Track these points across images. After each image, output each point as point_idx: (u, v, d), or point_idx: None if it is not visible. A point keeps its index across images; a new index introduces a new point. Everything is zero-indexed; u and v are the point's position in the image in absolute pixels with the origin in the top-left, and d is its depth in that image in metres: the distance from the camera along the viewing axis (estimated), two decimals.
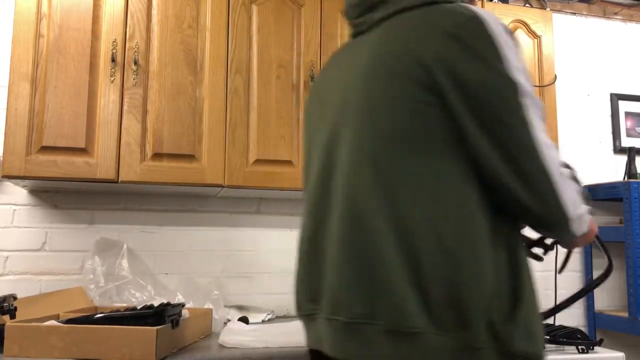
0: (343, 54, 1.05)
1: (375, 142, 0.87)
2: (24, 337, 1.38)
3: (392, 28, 0.92)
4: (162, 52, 1.88)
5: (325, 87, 1.04)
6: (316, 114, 1.04)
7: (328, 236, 0.92)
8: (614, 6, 2.93)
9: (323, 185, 0.95)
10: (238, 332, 1.68)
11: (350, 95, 0.93)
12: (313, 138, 1.03)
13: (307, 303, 0.98)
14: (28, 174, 1.72)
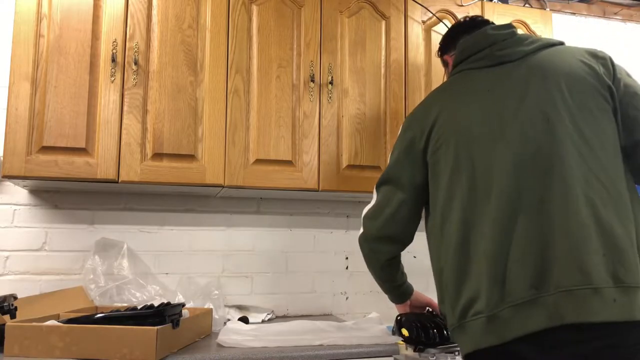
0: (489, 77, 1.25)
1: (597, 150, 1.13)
2: (24, 337, 1.38)
3: (552, 55, 1.24)
4: (162, 52, 1.88)
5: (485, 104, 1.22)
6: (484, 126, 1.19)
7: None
8: (613, 6, 2.94)
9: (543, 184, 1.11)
10: (238, 332, 1.68)
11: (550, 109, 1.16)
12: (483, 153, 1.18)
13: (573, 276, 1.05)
14: (28, 174, 1.73)
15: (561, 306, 1.03)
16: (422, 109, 1.32)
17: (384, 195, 1.34)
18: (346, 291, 2.37)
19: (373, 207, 1.36)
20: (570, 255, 1.05)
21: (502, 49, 1.26)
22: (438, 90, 1.35)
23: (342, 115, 2.05)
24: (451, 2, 2.25)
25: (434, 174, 1.25)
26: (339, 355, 1.58)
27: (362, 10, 2.14)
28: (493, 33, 1.29)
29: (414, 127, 1.30)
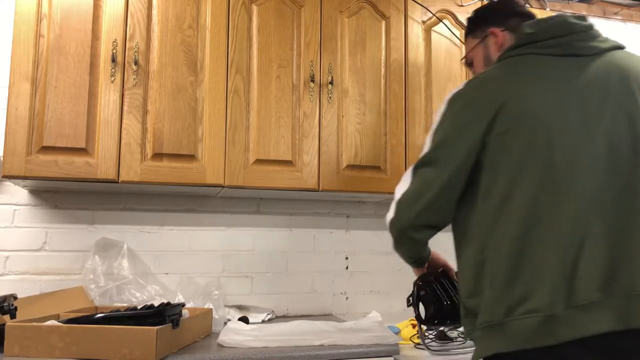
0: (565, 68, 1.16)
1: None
2: (24, 337, 1.38)
3: (627, 57, 1.22)
4: (162, 52, 1.88)
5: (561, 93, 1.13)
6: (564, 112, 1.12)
7: None
8: (613, 6, 2.94)
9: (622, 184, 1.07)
10: (238, 332, 1.68)
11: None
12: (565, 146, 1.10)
13: None
14: (28, 174, 1.73)
15: (629, 310, 1.00)
16: (486, 89, 1.19)
17: (424, 178, 1.20)
18: (346, 291, 2.37)
19: (411, 191, 1.22)
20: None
21: (581, 41, 1.19)
22: (501, 69, 1.21)
23: (342, 115, 2.05)
24: (451, 2, 2.25)
25: (494, 158, 1.13)
26: (339, 355, 1.58)
27: (362, 10, 2.14)
28: (573, 22, 1.21)
29: (475, 107, 1.17)
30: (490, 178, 1.14)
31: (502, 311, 1.06)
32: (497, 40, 1.39)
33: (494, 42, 1.40)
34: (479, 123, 1.14)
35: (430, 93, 2.17)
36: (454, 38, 2.23)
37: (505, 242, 1.08)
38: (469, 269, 1.16)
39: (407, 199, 1.23)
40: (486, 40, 1.41)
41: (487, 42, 1.41)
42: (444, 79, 2.19)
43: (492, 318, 1.08)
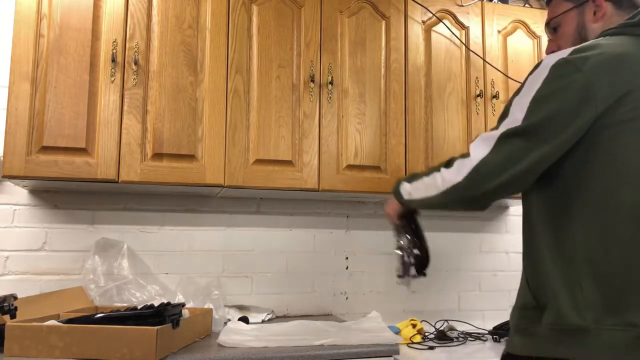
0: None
1: None
2: (24, 337, 1.38)
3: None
4: (162, 52, 1.88)
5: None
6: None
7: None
8: None
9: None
10: (238, 331, 1.68)
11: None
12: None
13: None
14: (28, 174, 1.73)
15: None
16: (614, 66, 1.03)
17: (514, 150, 1.04)
18: (346, 291, 2.37)
19: (496, 161, 1.05)
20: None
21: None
22: (630, 48, 1.07)
23: (342, 115, 2.05)
24: (451, 2, 2.25)
25: (611, 145, 1.01)
26: (339, 355, 1.58)
27: (362, 10, 2.14)
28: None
29: (598, 83, 1.01)
30: (594, 168, 1.02)
31: (591, 317, 0.96)
32: (599, 10, 1.19)
33: (593, 11, 1.20)
34: (604, 100, 1.00)
35: (430, 93, 2.17)
36: (454, 38, 2.23)
37: (608, 244, 0.98)
38: (553, 260, 1.04)
39: (488, 170, 1.06)
40: (584, 7, 1.22)
41: (584, 9, 1.21)
42: (444, 79, 2.19)
43: (574, 321, 0.97)
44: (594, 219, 1.00)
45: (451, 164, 1.13)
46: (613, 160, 1.01)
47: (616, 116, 1.01)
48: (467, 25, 2.26)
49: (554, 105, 1.02)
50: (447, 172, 1.13)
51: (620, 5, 1.18)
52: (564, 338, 0.98)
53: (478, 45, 2.25)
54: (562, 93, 1.02)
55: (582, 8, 1.22)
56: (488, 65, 2.23)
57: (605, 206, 1.00)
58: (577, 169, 1.04)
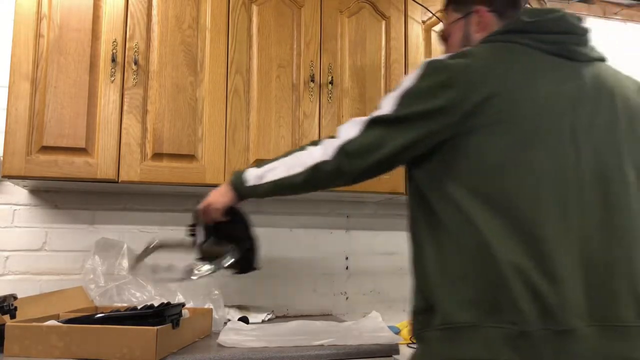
0: (561, 70, 1.09)
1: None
2: (24, 337, 1.38)
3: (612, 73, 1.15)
4: (162, 52, 1.88)
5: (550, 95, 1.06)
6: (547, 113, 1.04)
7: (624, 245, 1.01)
8: (613, 6, 2.94)
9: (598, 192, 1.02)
10: (238, 331, 1.68)
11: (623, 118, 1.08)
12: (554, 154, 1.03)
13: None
14: (28, 174, 1.73)
15: (606, 341, 0.96)
16: (475, 71, 1.05)
17: (382, 134, 1.09)
18: (346, 291, 2.37)
19: (363, 143, 1.10)
20: (628, 288, 0.99)
21: (577, 45, 1.11)
22: (494, 53, 1.10)
23: (342, 115, 2.05)
24: None
25: (476, 147, 1.04)
26: (339, 355, 1.58)
27: (362, 10, 2.14)
28: (572, 22, 1.12)
29: (462, 87, 1.03)
30: (461, 169, 1.04)
31: (475, 314, 0.97)
32: (482, 21, 1.24)
33: (477, 22, 1.25)
34: (463, 104, 1.03)
35: None
36: None
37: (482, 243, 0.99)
38: (437, 260, 1.04)
39: (354, 149, 1.10)
40: (469, 18, 1.26)
41: (470, 19, 1.26)
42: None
43: (459, 319, 0.98)
44: (465, 218, 1.02)
45: (318, 143, 1.18)
46: (479, 162, 1.02)
47: (481, 119, 1.03)
48: None
49: (421, 100, 1.06)
50: (315, 149, 1.17)
51: (502, 16, 1.22)
52: (452, 337, 0.98)
53: None
54: (430, 90, 1.06)
55: (468, 19, 1.27)
56: None
57: (474, 206, 1.01)
58: (446, 169, 1.06)
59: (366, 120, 1.11)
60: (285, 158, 1.24)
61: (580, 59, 1.11)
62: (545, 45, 1.09)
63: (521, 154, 1.01)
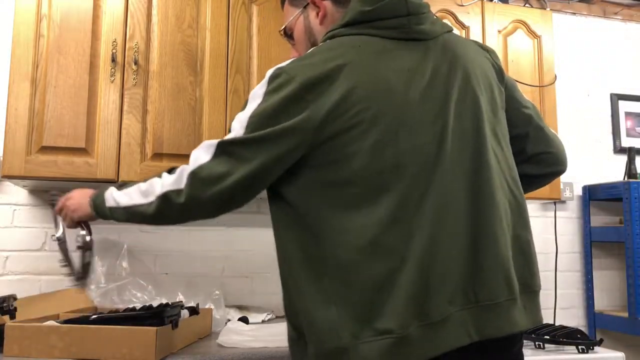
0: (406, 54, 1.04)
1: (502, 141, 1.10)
2: (24, 337, 1.38)
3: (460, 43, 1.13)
4: (162, 52, 1.88)
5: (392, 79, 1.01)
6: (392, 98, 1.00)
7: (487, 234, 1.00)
8: (613, 6, 2.93)
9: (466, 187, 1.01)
10: (237, 332, 1.68)
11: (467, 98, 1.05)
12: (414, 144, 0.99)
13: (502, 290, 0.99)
14: (28, 174, 1.73)
15: (480, 321, 0.95)
16: (323, 75, 0.99)
17: (234, 158, 1.01)
18: None
19: (215, 168, 1.01)
20: (496, 265, 0.99)
21: (419, 24, 1.07)
22: (338, 51, 1.03)
23: None
24: (451, 2, 2.25)
25: (335, 158, 0.98)
26: None
27: None
28: (411, 2, 1.07)
29: (309, 98, 0.97)
30: (327, 181, 0.99)
31: (347, 334, 0.92)
32: (320, 11, 1.17)
33: (315, 14, 1.19)
34: (312, 116, 0.97)
35: None
36: None
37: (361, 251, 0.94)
38: (307, 282, 0.98)
39: (206, 177, 1.01)
40: (307, 10, 1.21)
41: (308, 11, 1.21)
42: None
43: (333, 344, 0.93)
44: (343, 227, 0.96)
45: (174, 170, 1.07)
46: (343, 170, 0.97)
47: (339, 124, 0.97)
48: (467, 25, 2.26)
49: (270, 120, 0.99)
50: (168, 177, 1.06)
51: (339, 3, 1.16)
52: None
53: None
54: (277, 106, 0.98)
55: (306, 11, 1.21)
56: None
57: (340, 219, 0.96)
58: (311, 184, 1.00)
59: (216, 144, 1.02)
60: (141, 183, 1.12)
61: (426, 37, 1.07)
62: (388, 31, 1.05)
63: (390, 148, 0.97)
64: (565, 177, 2.59)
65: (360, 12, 1.06)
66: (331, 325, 0.93)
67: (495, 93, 1.12)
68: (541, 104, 2.29)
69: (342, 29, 1.07)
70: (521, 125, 1.19)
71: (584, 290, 2.65)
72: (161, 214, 1.07)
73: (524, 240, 1.07)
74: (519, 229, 1.07)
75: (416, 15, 1.06)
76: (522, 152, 1.20)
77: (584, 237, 2.66)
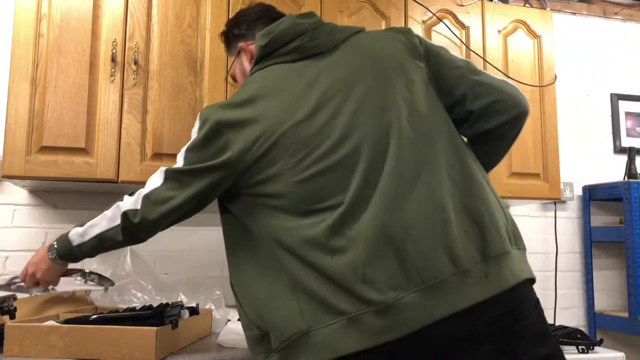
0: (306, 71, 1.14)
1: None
2: (24, 337, 1.38)
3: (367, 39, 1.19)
4: (162, 52, 1.88)
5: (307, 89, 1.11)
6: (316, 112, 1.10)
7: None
8: (613, 6, 2.94)
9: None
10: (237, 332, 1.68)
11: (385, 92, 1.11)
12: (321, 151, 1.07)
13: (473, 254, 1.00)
14: (28, 174, 1.72)
15: (429, 302, 0.95)
16: (237, 107, 1.12)
17: (174, 184, 1.17)
18: None
19: (162, 192, 1.17)
20: (434, 242, 0.99)
21: (313, 39, 1.16)
22: (245, 92, 1.16)
23: None
24: (451, 2, 2.25)
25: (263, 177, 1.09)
26: None
27: (362, 10, 2.13)
28: (299, 22, 1.18)
29: (234, 139, 1.10)
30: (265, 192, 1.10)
31: (309, 321, 0.99)
32: (248, 55, 1.33)
33: (246, 57, 1.34)
34: (230, 150, 1.10)
35: None
36: (454, 38, 2.23)
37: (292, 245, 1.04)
38: (262, 279, 1.09)
39: (155, 199, 1.16)
40: (240, 56, 1.36)
41: (241, 57, 1.36)
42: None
43: (293, 331, 1.00)
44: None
45: (133, 193, 1.20)
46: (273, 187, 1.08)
47: (251, 155, 1.09)
48: (467, 25, 2.26)
49: (196, 154, 1.15)
50: (128, 199, 1.19)
51: None
52: (293, 351, 1.00)
53: (478, 45, 2.25)
54: (200, 142, 1.14)
55: (239, 57, 1.37)
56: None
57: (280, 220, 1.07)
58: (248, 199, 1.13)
59: (164, 171, 1.19)
60: (106, 212, 1.22)
61: (326, 49, 1.16)
62: (288, 56, 1.16)
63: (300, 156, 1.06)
64: (566, 177, 2.59)
65: (260, 48, 1.19)
66: (292, 315, 1.01)
67: (409, 70, 1.14)
68: (541, 104, 2.29)
69: (254, 67, 1.21)
70: (458, 86, 1.17)
71: (584, 290, 2.65)
72: (125, 232, 1.19)
73: (474, 209, 1.04)
74: (466, 199, 1.04)
75: (307, 33, 1.17)
76: (471, 113, 1.18)
77: (584, 237, 2.66)
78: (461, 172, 1.07)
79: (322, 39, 1.17)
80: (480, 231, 1.02)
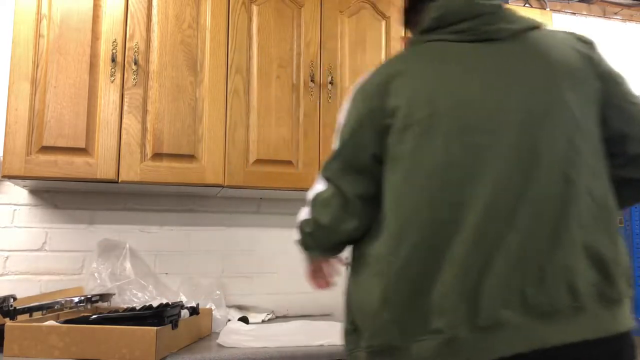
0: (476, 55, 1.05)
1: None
2: (24, 337, 1.38)
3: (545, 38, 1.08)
4: (162, 52, 1.88)
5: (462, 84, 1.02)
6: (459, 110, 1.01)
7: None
8: (613, 6, 2.94)
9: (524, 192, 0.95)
10: (237, 332, 1.68)
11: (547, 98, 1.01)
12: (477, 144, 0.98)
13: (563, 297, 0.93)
14: (28, 174, 1.72)
15: (540, 328, 0.90)
16: (387, 82, 1.05)
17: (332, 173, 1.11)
18: None
19: (324, 189, 1.12)
20: (559, 271, 0.92)
21: (490, 24, 1.06)
22: (405, 60, 1.10)
23: None
24: None
25: (394, 156, 1.03)
26: (339, 355, 1.58)
27: (362, 10, 2.14)
28: (480, 2, 1.07)
29: (375, 101, 1.05)
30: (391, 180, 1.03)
31: (397, 333, 0.94)
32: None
33: None
34: (382, 117, 1.03)
35: None
36: None
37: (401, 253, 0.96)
38: (364, 278, 1.04)
39: (321, 201, 1.13)
40: None
41: None
42: None
43: (384, 341, 0.96)
44: (391, 231, 0.99)
45: None
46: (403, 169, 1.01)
47: (394, 129, 1.02)
48: None
49: (348, 128, 1.08)
50: (303, 209, 1.16)
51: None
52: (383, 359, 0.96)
53: None
54: (350, 116, 1.08)
55: None
56: None
57: (397, 216, 0.99)
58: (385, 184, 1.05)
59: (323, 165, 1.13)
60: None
61: (499, 37, 1.06)
62: (456, 35, 1.07)
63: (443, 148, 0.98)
64: None
65: (429, 20, 1.10)
66: (383, 323, 0.96)
67: (582, 86, 1.05)
68: None
69: (417, 37, 1.13)
70: (627, 123, 1.08)
71: None
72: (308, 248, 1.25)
73: (600, 246, 0.96)
74: (593, 234, 0.96)
75: (484, 15, 1.07)
76: (622, 154, 1.08)
77: None
78: (593, 202, 0.99)
79: (498, 25, 1.07)
80: (602, 270, 0.96)
